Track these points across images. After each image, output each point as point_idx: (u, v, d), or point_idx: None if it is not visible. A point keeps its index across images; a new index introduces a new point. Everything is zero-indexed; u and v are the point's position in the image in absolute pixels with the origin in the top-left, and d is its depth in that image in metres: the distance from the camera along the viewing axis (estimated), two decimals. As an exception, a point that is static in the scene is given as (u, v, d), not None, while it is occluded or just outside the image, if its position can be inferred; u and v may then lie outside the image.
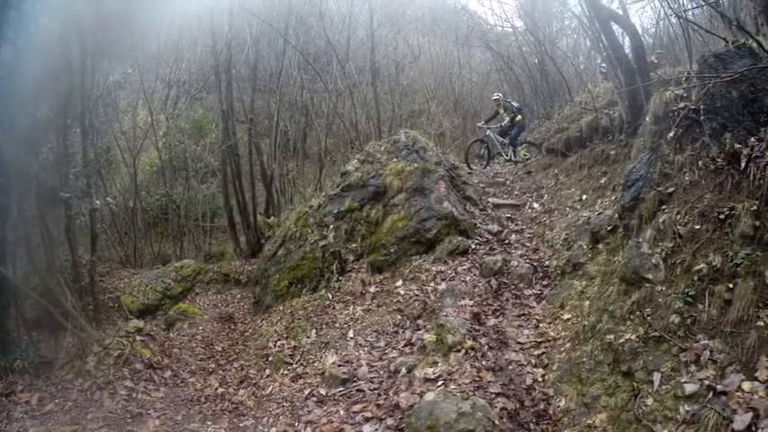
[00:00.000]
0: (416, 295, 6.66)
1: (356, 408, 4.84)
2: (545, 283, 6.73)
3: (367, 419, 4.61)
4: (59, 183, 7.20)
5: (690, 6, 9.05)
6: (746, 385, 3.41)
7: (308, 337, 6.75)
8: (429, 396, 4.36)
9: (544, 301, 6.33)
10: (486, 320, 5.91)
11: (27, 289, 6.45)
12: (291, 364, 6.39)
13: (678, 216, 4.62)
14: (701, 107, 4.92)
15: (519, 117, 12.57)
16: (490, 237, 8.06)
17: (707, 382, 3.56)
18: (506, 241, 7.96)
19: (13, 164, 6.22)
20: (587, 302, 5.55)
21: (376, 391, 5.07)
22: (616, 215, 6.06)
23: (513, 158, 12.45)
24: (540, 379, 4.91)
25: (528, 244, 7.86)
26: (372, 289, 7.33)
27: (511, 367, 5.09)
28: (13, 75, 6.19)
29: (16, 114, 6.31)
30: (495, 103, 13.04)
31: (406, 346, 5.77)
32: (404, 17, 22.41)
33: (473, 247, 7.58)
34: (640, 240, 4.90)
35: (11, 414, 5.24)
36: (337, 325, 6.77)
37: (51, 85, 7.04)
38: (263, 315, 8.51)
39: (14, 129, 6.32)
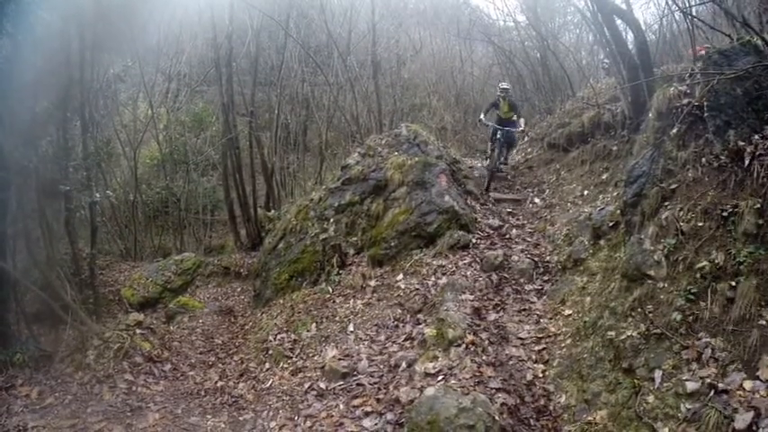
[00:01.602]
0: (417, 289, 6.64)
1: (356, 402, 4.84)
2: (546, 278, 6.71)
3: (367, 414, 4.61)
4: (59, 176, 7.19)
5: (694, 3, 8.97)
6: (748, 384, 3.40)
7: (308, 331, 6.75)
8: (429, 391, 4.35)
9: (545, 297, 6.31)
10: (487, 315, 5.90)
11: (27, 282, 6.45)
12: (291, 357, 6.39)
13: (681, 213, 4.60)
14: (705, 104, 4.88)
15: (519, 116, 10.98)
16: (491, 231, 8.04)
17: (708, 381, 3.56)
18: (507, 236, 7.94)
19: (12, 157, 6.21)
20: (588, 298, 5.54)
21: (376, 386, 5.06)
22: (618, 211, 6.04)
23: (506, 162, 11.07)
24: (541, 375, 4.90)
25: (529, 239, 7.84)
26: (373, 283, 7.31)
27: (511, 363, 5.08)
28: (13, 68, 6.17)
29: (16, 107, 6.30)
30: (501, 92, 10.84)
31: (406, 340, 5.76)
32: (405, 10, 22.34)
33: (474, 241, 7.56)
34: (642, 237, 4.88)
35: (11, 408, 5.24)
36: (337, 319, 6.77)
37: (51, 78, 7.02)
38: (264, 308, 8.52)
39: (14, 122, 6.30)
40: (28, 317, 6.56)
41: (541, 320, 5.81)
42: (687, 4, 8.44)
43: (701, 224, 4.38)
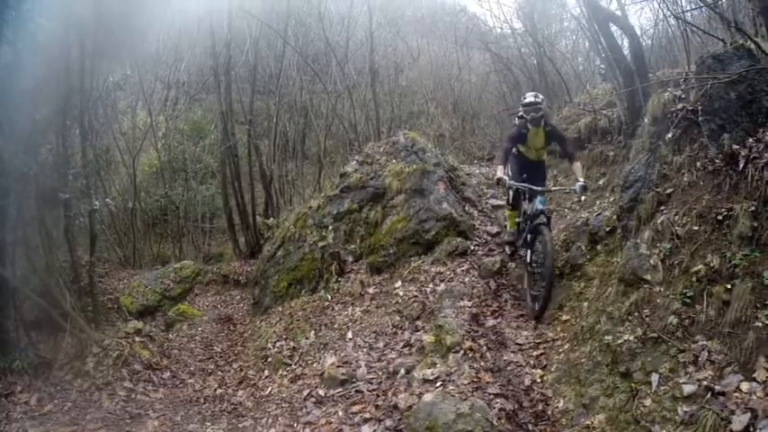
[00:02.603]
0: (415, 296, 6.65)
1: (355, 408, 4.83)
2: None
3: (366, 420, 4.60)
4: (59, 183, 7.20)
5: (688, 8, 9.06)
6: (745, 386, 3.41)
7: (306, 338, 6.76)
8: (427, 397, 4.35)
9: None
10: (485, 321, 5.91)
11: (26, 290, 6.45)
12: (290, 364, 6.39)
13: (676, 217, 4.62)
14: (700, 108, 4.92)
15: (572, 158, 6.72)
16: (489, 238, 8.06)
17: (705, 383, 3.56)
18: (505, 242, 7.96)
19: (12, 165, 6.23)
20: (586, 303, 5.55)
21: (375, 392, 5.06)
22: (614, 216, 6.06)
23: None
24: (539, 380, 4.91)
25: (527, 245, 7.86)
26: (371, 290, 7.33)
27: (509, 368, 5.09)
28: (13, 76, 6.19)
29: (15, 115, 6.32)
30: (528, 111, 6.29)
31: (404, 347, 5.76)
32: (403, 18, 22.42)
33: (472, 248, 7.58)
34: (639, 241, 4.90)
35: (10, 414, 5.25)
36: (336, 326, 6.78)
37: (50, 85, 7.05)
38: (262, 316, 8.52)
39: (14, 129, 6.32)
40: (27, 324, 6.56)
41: (539, 326, 5.82)
42: (681, 10, 8.51)
43: (696, 228, 4.40)
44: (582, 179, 6.21)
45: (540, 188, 6.21)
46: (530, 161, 6.66)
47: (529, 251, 6.24)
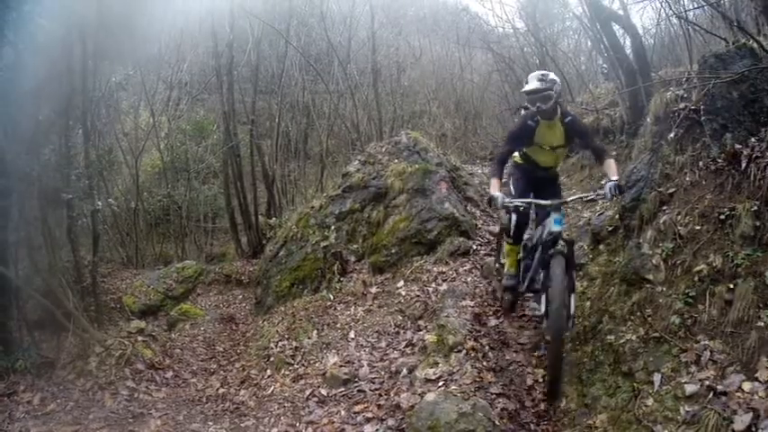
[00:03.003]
0: (417, 296, 6.65)
1: (357, 408, 4.84)
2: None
3: (368, 420, 4.61)
4: (61, 184, 7.21)
5: (691, 7, 9.05)
6: (747, 386, 3.40)
7: (309, 338, 6.76)
8: (430, 396, 4.35)
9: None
10: (488, 321, 5.90)
11: (29, 290, 6.46)
12: (293, 364, 6.39)
13: (679, 217, 4.61)
14: (702, 108, 4.91)
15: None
16: (491, 237, 8.05)
17: (707, 383, 3.56)
18: (507, 242, 7.94)
19: (14, 165, 6.24)
20: (588, 303, 5.53)
21: (377, 392, 5.06)
22: (617, 216, 6.05)
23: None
24: (541, 379, 4.90)
25: (529, 245, 7.84)
26: (374, 290, 7.33)
27: (512, 368, 5.08)
28: (15, 76, 6.21)
29: (18, 116, 6.33)
30: (538, 98, 4.67)
31: (407, 346, 5.76)
32: (405, 18, 22.46)
33: (474, 247, 7.58)
34: (641, 241, 4.90)
35: (13, 414, 5.25)
36: (338, 326, 6.78)
37: (53, 86, 7.05)
38: (265, 316, 8.52)
39: (16, 130, 6.33)
40: (30, 324, 6.57)
41: (541, 325, 5.81)
42: (684, 9, 8.50)
43: (698, 228, 4.40)
44: (615, 177, 4.60)
45: (551, 201, 4.68)
46: (539, 168, 5.18)
47: (543, 297, 4.56)
